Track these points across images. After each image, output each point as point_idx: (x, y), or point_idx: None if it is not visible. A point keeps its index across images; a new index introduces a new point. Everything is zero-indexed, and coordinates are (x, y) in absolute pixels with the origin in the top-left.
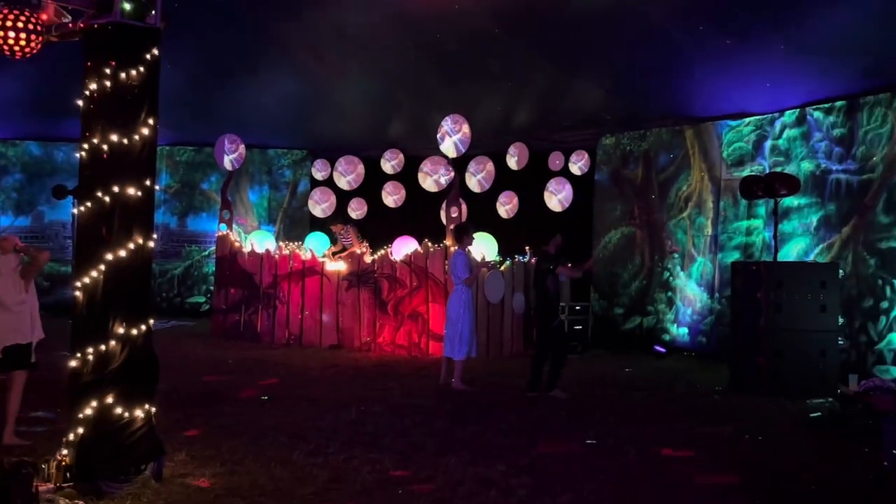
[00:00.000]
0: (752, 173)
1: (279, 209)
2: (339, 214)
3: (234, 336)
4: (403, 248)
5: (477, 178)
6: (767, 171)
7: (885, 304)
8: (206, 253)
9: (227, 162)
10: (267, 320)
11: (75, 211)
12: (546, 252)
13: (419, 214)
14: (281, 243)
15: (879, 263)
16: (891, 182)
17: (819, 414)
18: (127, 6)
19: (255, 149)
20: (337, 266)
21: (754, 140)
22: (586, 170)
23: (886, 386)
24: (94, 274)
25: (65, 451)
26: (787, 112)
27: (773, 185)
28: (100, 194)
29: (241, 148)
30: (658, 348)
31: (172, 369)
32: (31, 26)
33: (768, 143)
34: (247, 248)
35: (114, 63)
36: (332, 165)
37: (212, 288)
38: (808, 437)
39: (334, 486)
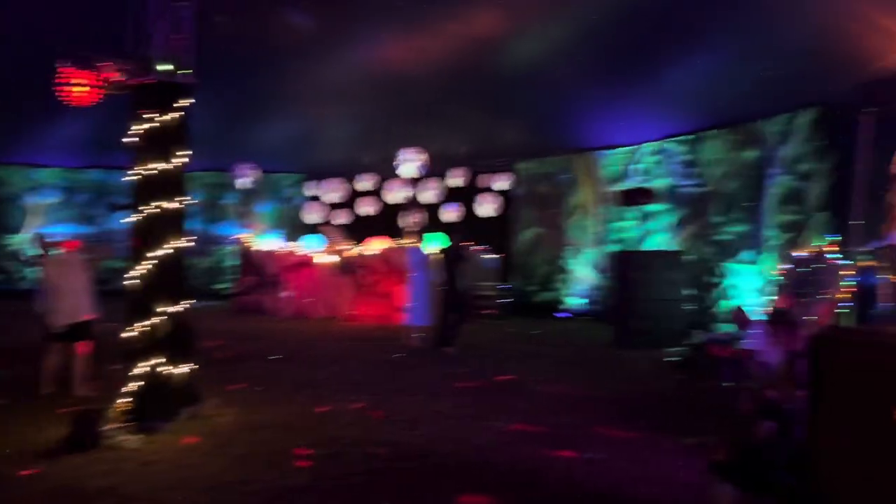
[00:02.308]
0: (625, 187)
1: (282, 217)
2: (328, 220)
3: (250, 312)
4: (376, 244)
5: (431, 193)
6: (636, 186)
7: (717, 280)
8: (228, 251)
9: (243, 183)
10: (274, 299)
11: (128, 220)
12: (456, 247)
13: (388, 220)
14: (285, 242)
15: (714, 251)
16: (721, 193)
17: (674, 358)
18: (166, 67)
19: (264, 172)
20: (328, 258)
21: (626, 164)
22: (509, 186)
23: (720, 338)
24: (143, 267)
25: (123, 400)
26: (650, 144)
27: (639, 196)
28: (146, 207)
29: (253, 172)
30: (560, 314)
31: (205, 337)
32: (92, 82)
33: (636, 166)
34: (258, 247)
35: (156, 110)
36: (323, 185)
37: (233, 277)
38: (666, 374)
39: (328, 419)
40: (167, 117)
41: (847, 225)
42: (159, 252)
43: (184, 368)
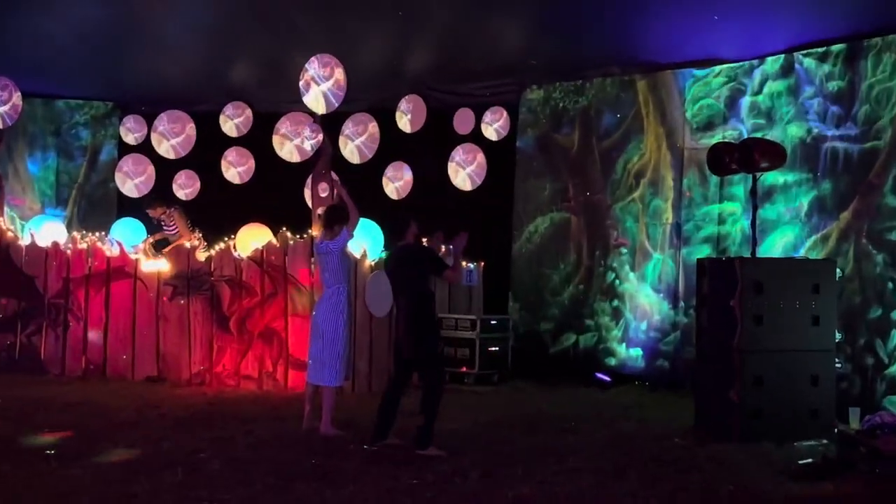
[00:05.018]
0: (725, 140)
1: (72, 185)
2: (160, 193)
3: (5, 366)
4: (252, 240)
5: (355, 144)
6: (745, 136)
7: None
8: None
9: None
10: (55, 343)
11: None
12: (412, 246)
13: (274, 193)
14: (75, 234)
15: (889, 260)
16: None
17: (811, 461)
18: None
19: (37, 99)
20: (157, 266)
21: (727, 96)
22: (505, 133)
23: (894, 424)
24: None
25: None
26: (770, 59)
27: (751, 156)
28: None
29: (16, 97)
30: (601, 377)
31: None
32: None
33: (745, 100)
34: (24, 241)
35: None
36: (150, 124)
37: None
38: (797, 492)
39: None
40: None
41: None
42: None
43: None
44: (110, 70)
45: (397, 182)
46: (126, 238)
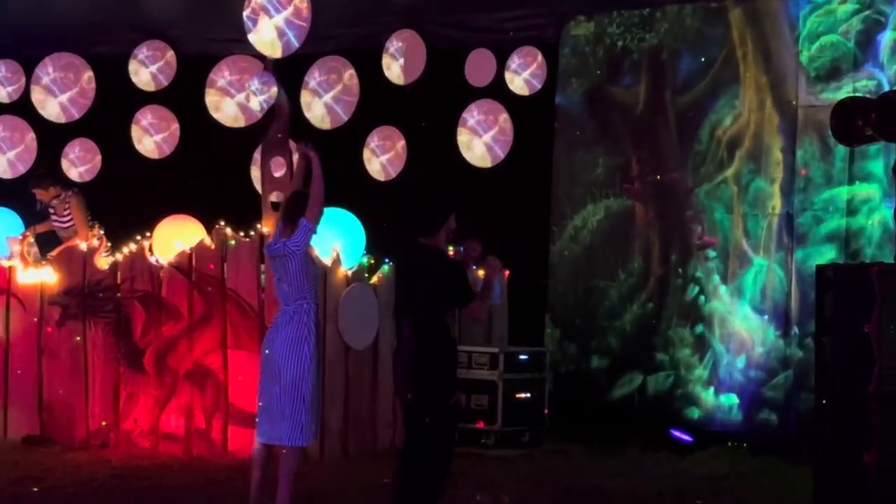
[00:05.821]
0: (857, 94)
1: None
2: (47, 171)
3: None
4: (176, 238)
5: (324, 101)
6: (885, 89)
7: None
8: None
9: None
10: None
11: None
12: (438, 252)
13: (207, 172)
14: None
15: None
16: None
17: None
18: None
19: None
20: (40, 276)
21: (859, 30)
22: (539, 86)
23: None
24: None
25: None
26: None
27: (894, 118)
28: None
29: None
30: (679, 435)
31: None
32: None
33: (886, 37)
34: None
35: None
36: (30, 74)
37: None
38: None
39: None
40: None
41: None
42: None
43: None
44: None
45: (385, 155)
46: None
